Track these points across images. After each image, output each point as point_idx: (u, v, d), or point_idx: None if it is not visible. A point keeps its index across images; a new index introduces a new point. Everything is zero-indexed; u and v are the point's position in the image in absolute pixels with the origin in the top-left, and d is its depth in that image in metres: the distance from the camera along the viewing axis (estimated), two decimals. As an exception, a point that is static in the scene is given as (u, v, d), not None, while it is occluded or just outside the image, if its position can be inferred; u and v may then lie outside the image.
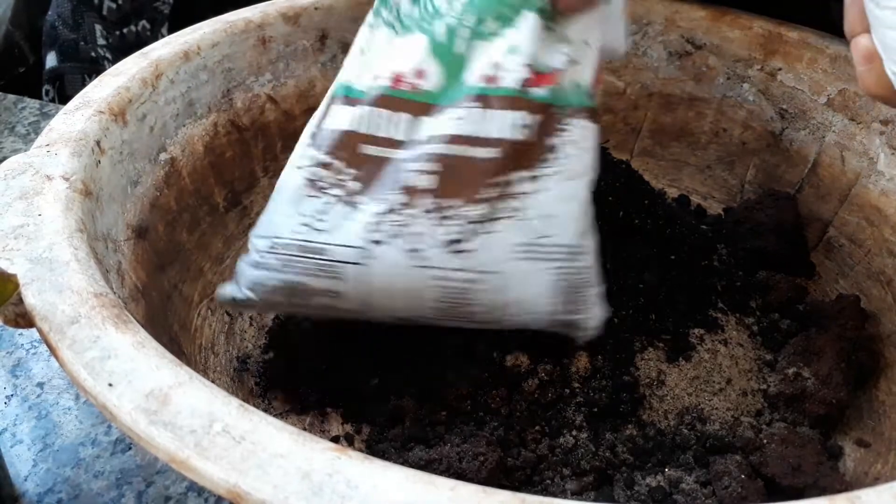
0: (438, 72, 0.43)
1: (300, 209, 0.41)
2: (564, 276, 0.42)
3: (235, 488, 0.24)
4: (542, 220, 0.42)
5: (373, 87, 0.42)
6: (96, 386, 0.27)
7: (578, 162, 0.43)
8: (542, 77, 0.44)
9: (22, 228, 0.33)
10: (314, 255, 0.41)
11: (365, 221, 0.40)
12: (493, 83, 0.43)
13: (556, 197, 0.42)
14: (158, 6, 0.78)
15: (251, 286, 0.42)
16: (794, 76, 0.55)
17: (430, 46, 0.43)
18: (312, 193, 0.41)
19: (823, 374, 0.45)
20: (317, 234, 0.41)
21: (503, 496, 0.23)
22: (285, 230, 0.41)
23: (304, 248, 0.41)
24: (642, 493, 0.41)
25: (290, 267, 0.41)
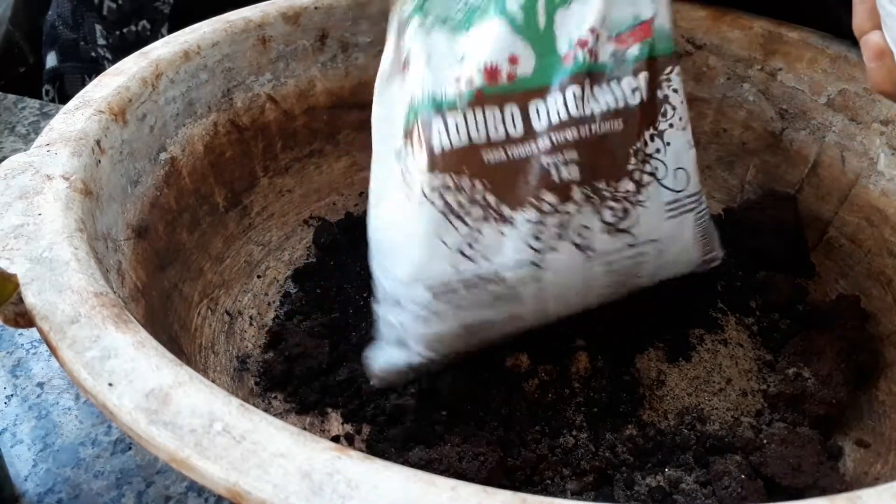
0: (529, 53, 0.40)
1: (446, 242, 0.38)
2: (700, 221, 0.45)
3: (235, 488, 0.24)
4: (676, 175, 0.43)
5: (466, 91, 0.39)
6: (96, 385, 0.27)
7: (683, 109, 0.44)
8: (635, 33, 0.43)
9: (22, 228, 0.33)
10: (485, 283, 0.38)
11: (523, 232, 0.38)
12: (594, 57, 0.41)
13: (679, 149, 0.44)
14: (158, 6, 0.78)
15: (429, 344, 0.39)
16: (795, 76, 0.55)
17: (511, 28, 0.40)
18: (453, 222, 0.38)
19: (823, 374, 0.45)
20: (478, 262, 0.38)
21: (504, 496, 0.23)
22: (439, 271, 0.38)
23: (472, 281, 0.38)
24: (642, 493, 0.41)
25: (464, 307, 0.38)
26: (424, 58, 0.40)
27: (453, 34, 0.41)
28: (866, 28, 0.35)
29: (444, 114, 0.39)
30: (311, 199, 0.57)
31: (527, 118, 0.40)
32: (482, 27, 0.40)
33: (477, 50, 0.40)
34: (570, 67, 0.41)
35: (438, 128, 0.39)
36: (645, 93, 0.42)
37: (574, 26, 0.41)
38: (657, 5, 0.44)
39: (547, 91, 0.40)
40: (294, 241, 0.55)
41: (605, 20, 0.42)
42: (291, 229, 0.56)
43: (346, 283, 0.52)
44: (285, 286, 0.53)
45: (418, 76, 0.40)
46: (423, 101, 0.39)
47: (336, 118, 0.56)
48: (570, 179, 0.40)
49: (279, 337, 0.49)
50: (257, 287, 0.52)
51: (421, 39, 0.40)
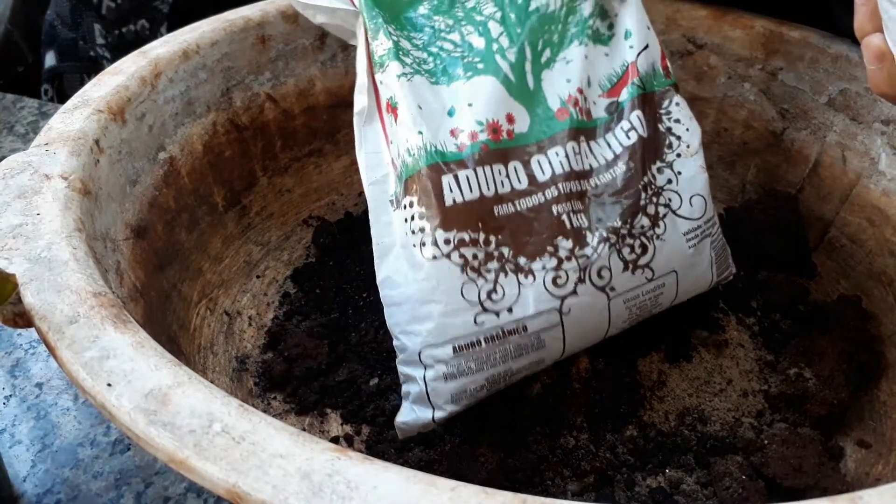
0: (523, 111, 0.42)
1: (466, 297, 0.37)
2: (715, 245, 0.46)
3: (235, 488, 0.23)
4: (693, 203, 0.44)
5: (470, 145, 0.39)
6: (95, 386, 0.26)
7: (691, 135, 0.46)
8: (623, 80, 0.45)
9: (20, 228, 0.33)
10: (509, 336, 0.38)
11: (542, 281, 0.38)
12: (587, 115, 0.43)
13: (692, 177, 0.45)
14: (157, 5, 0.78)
15: (453, 399, 0.39)
16: (796, 76, 0.54)
17: (506, 88, 0.41)
18: (471, 277, 0.37)
19: (825, 374, 0.45)
20: (501, 315, 0.38)
21: (504, 497, 0.23)
22: (460, 327, 0.37)
23: (494, 334, 0.38)
24: (643, 493, 0.41)
25: (489, 361, 0.38)
26: (414, 106, 0.40)
27: (433, 84, 0.41)
28: (868, 30, 0.35)
29: (453, 168, 0.39)
30: (310, 198, 0.57)
31: (530, 173, 0.41)
32: (474, 83, 0.41)
33: (471, 104, 0.40)
34: (566, 123, 0.42)
35: (449, 182, 0.38)
36: (642, 129, 0.44)
37: (561, 86, 0.43)
38: (642, 41, 0.45)
39: (545, 146, 0.41)
40: (293, 241, 0.55)
41: (589, 80, 0.44)
42: (291, 229, 0.55)
43: (345, 283, 0.52)
44: (284, 286, 0.53)
45: (411, 124, 0.39)
46: (422, 152, 0.39)
47: (336, 117, 0.56)
48: (583, 226, 0.40)
49: (278, 337, 0.49)
50: (256, 287, 0.51)
51: (406, 86, 0.40)
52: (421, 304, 0.38)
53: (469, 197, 0.38)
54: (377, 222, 0.39)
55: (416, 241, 0.38)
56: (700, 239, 0.44)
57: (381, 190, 0.40)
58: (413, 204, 0.38)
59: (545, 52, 0.44)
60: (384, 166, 0.40)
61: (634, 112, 0.44)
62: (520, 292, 0.38)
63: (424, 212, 0.38)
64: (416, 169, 0.38)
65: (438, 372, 0.38)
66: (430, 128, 0.39)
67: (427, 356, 0.38)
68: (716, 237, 0.46)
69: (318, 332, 0.48)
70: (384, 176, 0.40)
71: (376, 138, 0.41)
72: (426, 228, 0.38)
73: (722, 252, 0.47)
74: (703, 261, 0.45)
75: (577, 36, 0.45)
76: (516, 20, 0.44)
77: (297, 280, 0.53)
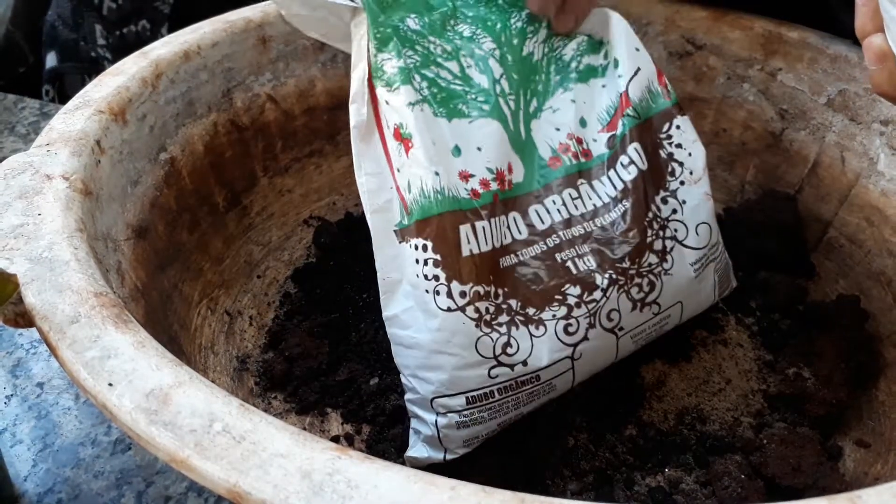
0: (518, 161, 0.41)
1: (481, 352, 0.37)
2: (719, 267, 0.45)
3: (236, 488, 0.23)
4: (699, 231, 0.43)
5: (484, 194, 0.38)
6: (96, 385, 0.27)
7: (694, 160, 0.44)
8: (618, 111, 0.43)
9: (22, 228, 0.33)
10: (524, 386, 0.38)
11: (554, 330, 0.38)
12: (585, 157, 0.42)
13: (696, 205, 0.44)
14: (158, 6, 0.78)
15: (465, 444, 0.39)
16: (795, 76, 0.55)
17: (507, 138, 0.40)
18: (484, 331, 0.37)
19: (823, 374, 0.45)
20: (515, 368, 0.37)
21: (503, 496, 0.23)
22: (474, 381, 0.37)
23: (509, 387, 0.38)
24: (642, 493, 0.41)
25: (502, 410, 0.38)
26: (429, 141, 0.37)
27: (434, 115, 0.38)
28: (869, 30, 0.35)
29: (470, 217, 0.37)
30: (310, 199, 0.57)
31: (529, 223, 0.40)
32: (480, 126, 0.39)
33: (480, 149, 0.39)
34: (559, 171, 0.41)
35: (466, 233, 0.37)
36: (642, 162, 0.43)
37: (550, 134, 0.42)
38: (632, 66, 0.44)
39: (542, 195, 0.41)
40: (294, 241, 0.55)
41: (583, 121, 0.43)
42: (291, 229, 0.56)
43: (346, 283, 0.52)
44: (285, 286, 0.53)
45: (427, 163, 0.37)
46: (439, 196, 0.37)
47: (336, 118, 0.56)
48: (590, 269, 0.40)
49: (279, 337, 0.49)
50: (257, 287, 0.52)
51: (420, 117, 0.38)
52: (434, 354, 0.37)
53: (484, 249, 0.37)
54: (381, 254, 0.38)
55: (430, 288, 0.36)
56: (705, 266, 0.44)
57: (385, 218, 0.38)
58: (427, 248, 0.36)
59: (532, 101, 0.42)
60: (387, 190, 0.38)
61: (632, 145, 0.43)
62: (532, 344, 0.38)
63: (440, 260, 0.36)
64: (432, 212, 0.36)
65: (451, 420, 0.38)
66: (443, 166, 0.37)
67: (439, 404, 0.38)
68: (719, 259, 0.45)
69: (318, 332, 0.48)
70: (388, 202, 0.38)
71: (376, 157, 0.38)
72: (441, 278, 0.36)
73: (724, 272, 0.47)
74: (707, 285, 0.45)
75: (561, 84, 0.43)
76: (513, 63, 0.42)
77: (298, 280, 0.53)
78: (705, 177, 0.45)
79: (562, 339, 0.38)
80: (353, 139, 0.38)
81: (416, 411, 0.39)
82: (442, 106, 0.39)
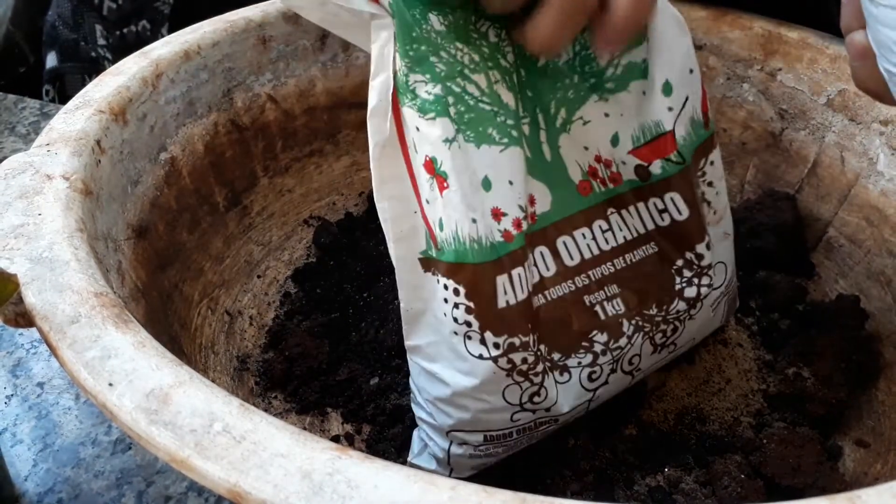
0: (543, 188, 0.37)
1: (508, 399, 0.35)
2: (729, 299, 0.44)
3: (236, 488, 0.24)
4: (721, 271, 0.42)
5: (517, 236, 0.34)
6: (97, 385, 0.27)
7: (721, 198, 0.41)
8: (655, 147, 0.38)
9: (22, 228, 0.33)
10: (541, 427, 0.37)
11: (579, 377, 0.37)
12: (614, 182, 0.38)
13: (715, 244, 0.41)
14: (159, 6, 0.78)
15: (474, 469, 0.39)
16: (794, 76, 0.55)
17: (525, 167, 0.35)
18: (517, 380, 0.35)
19: (823, 374, 0.45)
20: (537, 413, 0.36)
21: (504, 496, 0.23)
22: (496, 424, 0.36)
23: (528, 428, 0.37)
24: (642, 493, 0.41)
25: (516, 446, 0.38)
26: (466, 182, 0.33)
27: (467, 140, 0.34)
28: (853, 27, 0.35)
29: (506, 266, 0.34)
30: (311, 198, 0.57)
31: (557, 256, 0.37)
32: (511, 155, 0.34)
33: (512, 183, 0.34)
34: (589, 199, 0.38)
35: (503, 283, 0.34)
36: (678, 213, 0.39)
37: (579, 153, 0.38)
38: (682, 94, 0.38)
39: (570, 224, 0.37)
40: (294, 241, 0.55)
41: (616, 138, 0.38)
42: (291, 229, 0.56)
43: (346, 283, 0.52)
44: (285, 286, 0.53)
45: (464, 208, 0.33)
46: (475, 245, 0.33)
47: (336, 118, 0.56)
48: (618, 314, 0.38)
49: (279, 337, 0.49)
50: (257, 287, 0.52)
51: (458, 155, 0.33)
52: (458, 394, 0.35)
53: (520, 297, 0.34)
54: (405, 285, 0.35)
55: (461, 332, 0.34)
56: (719, 304, 0.42)
57: (409, 246, 0.35)
58: (459, 293, 0.34)
59: (560, 113, 0.37)
60: (411, 215, 0.35)
61: (669, 194, 0.38)
62: (558, 392, 0.36)
63: (474, 308, 0.34)
64: (466, 259, 0.33)
65: (465, 452, 0.37)
66: (479, 210, 0.33)
67: (456, 437, 0.37)
68: (733, 291, 0.44)
69: (318, 332, 0.48)
70: (412, 229, 0.35)
71: (400, 178, 0.34)
72: (474, 325, 0.34)
73: (733, 301, 0.45)
74: (718, 316, 0.44)
75: (595, 89, 0.38)
76: (527, 78, 0.36)
77: (298, 280, 0.53)
78: (728, 215, 0.42)
79: (585, 385, 0.37)
80: (373, 158, 0.34)
81: (430, 433, 0.38)
82: (470, 129, 0.34)
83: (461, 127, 0.33)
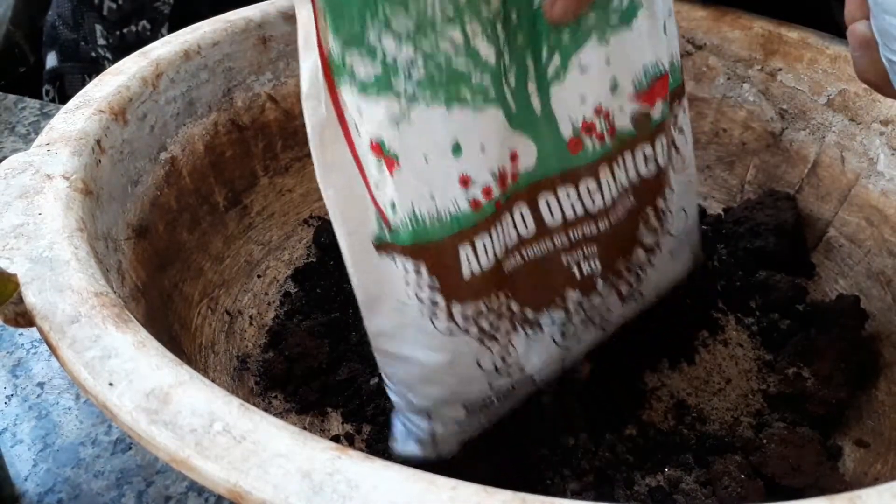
0: (529, 144, 0.34)
1: (484, 367, 0.35)
2: (694, 245, 0.43)
3: (236, 488, 0.24)
4: (677, 216, 0.41)
5: (486, 204, 0.33)
6: (97, 385, 0.27)
7: (687, 145, 0.40)
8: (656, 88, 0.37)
9: (22, 227, 0.33)
10: (521, 388, 0.37)
11: (550, 333, 0.36)
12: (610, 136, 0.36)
13: (681, 192, 0.41)
14: (159, 6, 0.78)
15: (460, 444, 0.38)
16: (795, 76, 0.55)
17: (507, 120, 0.33)
18: (487, 344, 0.34)
19: (823, 374, 0.45)
20: (513, 375, 0.36)
21: (504, 496, 0.23)
22: (475, 392, 0.35)
23: (506, 392, 0.36)
24: (642, 493, 0.41)
25: (497, 412, 0.38)
26: (420, 158, 0.31)
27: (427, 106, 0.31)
28: (856, 17, 0.35)
29: (469, 235, 0.32)
30: (311, 198, 0.57)
31: (538, 214, 0.35)
32: (485, 117, 0.32)
33: (484, 148, 0.32)
34: (580, 158, 0.35)
35: (466, 254, 0.33)
36: (663, 157, 0.38)
37: (574, 106, 0.35)
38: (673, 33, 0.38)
39: (556, 183, 0.35)
40: (294, 240, 0.55)
41: (616, 83, 0.36)
42: (291, 229, 0.56)
43: (346, 283, 0.52)
44: (285, 286, 0.53)
45: (418, 185, 0.31)
46: (435, 223, 0.32)
47: (336, 118, 0.56)
48: (593, 272, 0.37)
49: (279, 336, 0.49)
50: (257, 287, 0.52)
51: (408, 132, 0.31)
52: (432, 372, 0.34)
53: (486, 265, 0.33)
54: (360, 272, 0.33)
55: (426, 311, 0.33)
56: (682, 250, 0.42)
57: (360, 233, 0.33)
58: (421, 272, 0.32)
59: (553, 59, 0.34)
60: (359, 200, 0.32)
61: (659, 139, 0.37)
62: (528, 347, 0.36)
63: (438, 285, 0.32)
64: (426, 237, 0.32)
65: (448, 428, 0.36)
66: (439, 184, 0.31)
67: (437, 413, 0.36)
68: (696, 238, 0.43)
69: (318, 332, 0.48)
70: (361, 214, 0.33)
71: (343, 164, 0.32)
72: (439, 302, 0.33)
73: (697, 247, 0.44)
74: (681, 265, 0.43)
75: (597, 28, 0.34)
76: (519, 21, 0.33)
77: (298, 279, 0.53)
78: (692, 162, 0.41)
79: (557, 342, 0.37)
80: (312, 144, 0.32)
81: (409, 417, 0.37)
82: (440, 90, 0.31)
83: (424, 92, 0.30)
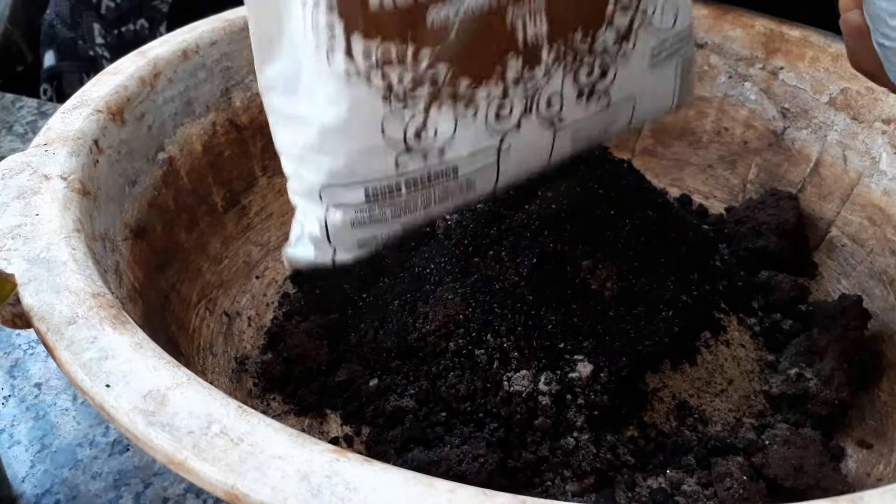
0: None
1: (389, 135, 0.29)
2: (685, 66, 0.38)
3: (233, 490, 0.23)
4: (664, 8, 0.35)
5: None
6: (94, 387, 0.26)
7: None
8: None
9: (19, 228, 0.33)
10: (437, 181, 0.31)
11: (484, 113, 0.31)
12: None
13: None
14: (157, 5, 0.78)
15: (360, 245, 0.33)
16: (796, 75, 0.54)
17: None
18: (395, 107, 0.29)
19: (826, 374, 0.45)
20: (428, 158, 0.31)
21: (503, 498, 0.23)
22: (377, 170, 0.30)
23: (419, 181, 0.31)
24: (644, 494, 0.40)
25: (408, 208, 0.32)
26: None
27: None
28: (850, 7, 0.35)
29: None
30: (310, 198, 0.57)
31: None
32: None
33: None
34: None
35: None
36: None
37: None
38: None
39: None
40: (293, 241, 0.55)
41: None
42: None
43: (344, 284, 0.52)
44: (284, 287, 0.53)
45: None
46: None
47: (335, 117, 0.56)
48: (538, 34, 0.31)
49: (278, 338, 0.48)
50: (256, 288, 0.51)
51: None
52: (326, 132, 0.29)
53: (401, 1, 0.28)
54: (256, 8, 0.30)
55: (323, 43, 0.28)
56: (665, 57, 0.36)
57: None
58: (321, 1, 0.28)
59: None
60: None
61: None
62: (456, 129, 0.30)
63: (336, 6, 0.28)
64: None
65: (345, 218, 0.31)
66: None
67: (330, 196, 0.31)
68: (686, 56, 0.38)
69: (317, 333, 0.48)
70: None
71: None
72: (337, 29, 0.28)
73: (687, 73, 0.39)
74: (667, 85, 0.37)
75: None
76: None
77: (297, 281, 0.53)
78: None
79: (491, 124, 0.31)
80: None
81: (300, 203, 0.32)
82: None
83: None
